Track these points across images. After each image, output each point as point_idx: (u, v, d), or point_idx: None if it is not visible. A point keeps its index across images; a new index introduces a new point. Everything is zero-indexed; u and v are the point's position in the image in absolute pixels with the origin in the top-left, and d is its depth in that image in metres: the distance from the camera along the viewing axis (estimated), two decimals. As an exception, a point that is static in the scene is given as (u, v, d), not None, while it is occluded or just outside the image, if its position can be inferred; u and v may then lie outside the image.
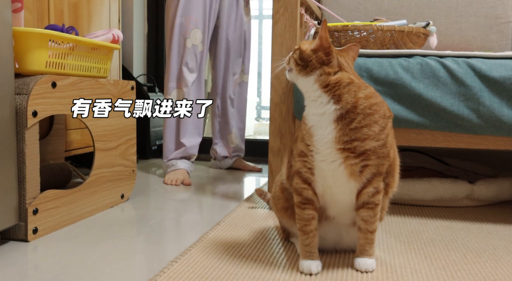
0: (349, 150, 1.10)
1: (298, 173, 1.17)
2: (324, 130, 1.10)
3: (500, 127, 1.54)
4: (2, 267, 1.20)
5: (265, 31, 4.79)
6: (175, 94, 2.35)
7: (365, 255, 1.17)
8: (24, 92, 1.37)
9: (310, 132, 1.13)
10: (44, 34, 1.49)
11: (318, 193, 1.16)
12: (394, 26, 1.82)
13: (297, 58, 1.16)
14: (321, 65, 1.12)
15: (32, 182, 1.39)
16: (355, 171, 1.12)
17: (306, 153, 1.14)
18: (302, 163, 1.15)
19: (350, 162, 1.11)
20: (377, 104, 1.12)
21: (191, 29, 2.30)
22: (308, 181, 1.15)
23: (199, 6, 2.31)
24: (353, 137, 1.09)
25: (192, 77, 2.35)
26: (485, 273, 1.17)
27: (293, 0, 1.74)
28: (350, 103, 1.10)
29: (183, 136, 2.37)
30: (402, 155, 2.28)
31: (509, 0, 2.28)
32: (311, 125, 1.13)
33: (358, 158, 1.10)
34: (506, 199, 1.93)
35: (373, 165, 1.12)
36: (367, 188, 1.14)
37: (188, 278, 1.11)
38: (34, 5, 1.96)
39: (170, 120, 2.38)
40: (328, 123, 1.10)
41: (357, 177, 1.13)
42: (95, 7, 2.39)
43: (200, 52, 2.35)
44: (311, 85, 1.13)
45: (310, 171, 1.14)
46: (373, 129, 1.10)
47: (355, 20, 2.43)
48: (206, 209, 1.81)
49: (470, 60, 1.58)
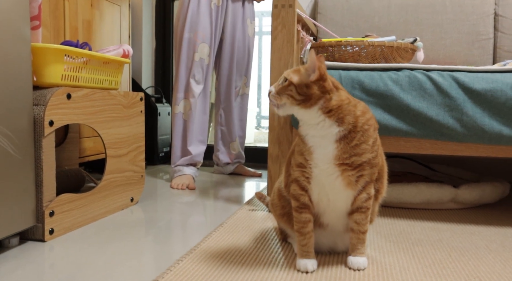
0: (347, 164, 1.09)
1: (296, 181, 1.16)
2: (325, 150, 1.09)
3: (482, 135, 1.54)
4: (21, 265, 1.20)
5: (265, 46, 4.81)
6: (182, 104, 2.36)
7: (357, 253, 1.17)
8: (42, 103, 1.38)
9: (310, 150, 1.11)
10: (60, 50, 1.49)
11: (314, 200, 1.16)
12: (384, 41, 1.83)
13: (295, 93, 1.08)
14: (323, 94, 1.08)
15: (48, 187, 1.40)
16: (351, 181, 1.12)
17: (305, 165, 1.13)
18: (300, 172, 1.15)
19: (347, 174, 1.10)
20: (371, 118, 1.12)
21: (199, 43, 2.31)
22: (305, 189, 1.15)
23: (205, 22, 2.31)
24: (353, 153, 1.09)
25: (199, 89, 2.35)
26: (468, 271, 1.17)
27: (291, 18, 1.74)
28: (351, 123, 1.09)
29: (190, 144, 2.37)
30: (392, 161, 2.30)
31: (489, 19, 2.29)
32: (311, 145, 1.11)
33: (355, 170, 1.10)
34: (487, 202, 1.93)
35: (367, 175, 1.12)
36: (361, 195, 1.14)
37: (193, 275, 1.11)
38: (51, 23, 1.97)
39: (177, 129, 2.38)
40: (330, 143, 1.09)
41: (353, 186, 1.13)
42: (107, 24, 2.40)
43: (206, 65, 2.35)
44: (314, 114, 1.09)
45: (307, 180, 1.14)
46: (369, 143, 1.10)
47: (348, 36, 2.44)
48: (210, 212, 1.81)
49: (454, 73, 1.59)
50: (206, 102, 2.42)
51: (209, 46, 2.34)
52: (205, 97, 2.41)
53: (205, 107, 2.42)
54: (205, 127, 2.44)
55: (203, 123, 2.42)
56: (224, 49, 2.51)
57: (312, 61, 1.08)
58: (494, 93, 1.52)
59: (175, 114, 2.37)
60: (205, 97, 2.41)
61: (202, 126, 2.42)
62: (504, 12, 2.28)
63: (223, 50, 2.52)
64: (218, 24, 2.40)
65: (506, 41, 2.28)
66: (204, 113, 2.42)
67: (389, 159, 2.30)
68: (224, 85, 2.57)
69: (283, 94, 1.09)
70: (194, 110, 2.36)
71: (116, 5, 2.48)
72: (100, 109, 1.63)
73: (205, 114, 2.43)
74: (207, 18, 2.32)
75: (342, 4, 2.48)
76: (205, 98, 2.41)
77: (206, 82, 2.39)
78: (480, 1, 2.30)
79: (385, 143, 1.66)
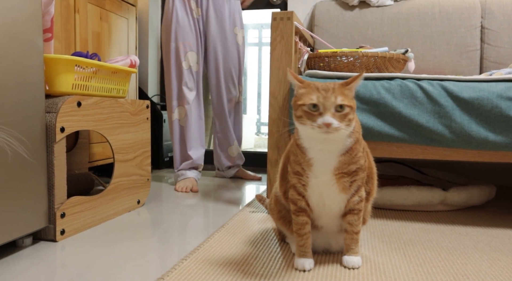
0: (344, 172, 1.10)
1: (293, 187, 1.16)
2: (327, 163, 1.09)
3: (470, 141, 1.55)
4: (34, 263, 1.20)
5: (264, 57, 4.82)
6: (177, 111, 2.36)
7: (352, 253, 1.18)
8: (53, 111, 1.39)
9: (310, 162, 1.10)
10: (71, 60, 1.50)
11: (311, 204, 1.16)
12: (377, 52, 1.83)
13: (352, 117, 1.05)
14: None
15: (60, 189, 1.40)
16: (346, 186, 1.12)
17: (301, 173, 1.13)
18: (297, 179, 1.14)
19: (343, 180, 1.11)
20: (359, 125, 1.13)
21: (186, 52, 2.31)
22: (302, 194, 1.15)
23: (189, 30, 2.31)
24: (351, 162, 1.10)
25: (192, 95, 2.35)
26: (456, 269, 1.17)
27: (289, 30, 1.75)
28: (358, 132, 1.10)
29: (189, 149, 2.37)
30: (385, 165, 2.30)
31: (476, 31, 2.30)
32: (312, 157, 1.09)
33: (350, 176, 1.11)
34: (475, 204, 1.93)
35: (359, 179, 1.13)
36: (353, 198, 1.14)
37: (196, 274, 1.11)
38: (63, 35, 1.98)
39: (176, 136, 2.37)
40: (334, 157, 1.08)
41: (347, 191, 1.13)
42: (115, 36, 2.42)
43: (196, 72, 2.35)
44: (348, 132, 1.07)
45: (304, 187, 1.14)
46: (361, 150, 1.11)
47: (343, 47, 2.45)
48: (212, 213, 1.81)
49: (443, 82, 1.59)
50: (200, 108, 2.41)
51: (196, 54, 2.34)
52: (199, 102, 2.40)
53: (199, 112, 2.41)
54: (202, 131, 2.43)
55: (200, 128, 2.42)
56: (209, 59, 2.46)
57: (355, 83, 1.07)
58: (480, 101, 1.53)
59: (172, 121, 2.37)
60: (199, 102, 2.40)
61: (199, 131, 2.42)
62: (490, 25, 2.30)
63: (208, 59, 2.47)
64: (200, 31, 2.38)
65: (492, 52, 2.29)
66: (200, 118, 2.42)
67: (382, 163, 2.31)
68: (214, 94, 2.52)
69: (345, 121, 1.03)
70: (190, 116, 2.35)
71: (124, 18, 2.50)
72: (108, 116, 1.64)
73: (201, 119, 2.42)
74: (190, 28, 2.32)
75: (338, 17, 2.49)
76: (199, 103, 2.41)
77: (198, 88, 2.38)
78: (467, 14, 2.31)
79: (379, 148, 1.66)
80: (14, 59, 1.20)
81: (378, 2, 2.44)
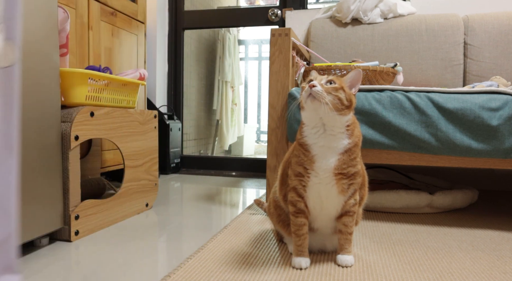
0: (343, 174, 1.10)
1: (294, 189, 1.16)
2: (328, 160, 1.09)
3: (454, 148, 1.55)
4: (51, 262, 1.21)
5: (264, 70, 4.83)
6: None
7: (345, 252, 1.18)
8: (68, 120, 1.39)
9: (313, 159, 1.10)
10: (85, 73, 1.51)
11: (309, 206, 1.17)
12: (368, 66, 1.84)
13: (343, 98, 1.05)
14: (351, 106, 1.09)
15: (74, 193, 1.41)
16: (344, 188, 1.12)
17: (303, 174, 1.13)
18: (298, 181, 1.14)
19: (341, 182, 1.11)
20: (360, 132, 1.14)
21: None
22: (302, 196, 1.15)
23: None
24: (350, 164, 1.10)
25: None
26: (441, 267, 1.18)
27: (287, 45, 1.76)
28: (357, 137, 1.11)
29: None
30: (376, 171, 2.30)
31: (460, 47, 2.31)
32: (315, 154, 1.10)
33: (348, 178, 1.11)
34: (459, 207, 1.93)
35: (356, 183, 1.13)
36: (349, 200, 1.15)
37: (201, 271, 1.11)
38: (77, 50, 2.00)
39: None
40: (334, 155, 1.08)
41: (345, 192, 1.13)
42: (125, 51, 2.43)
43: None
44: (343, 123, 1.08)
45: (304, 188, 1.14)
46: (359, 154, 1.12)
47: (337, 61, 2.46)
48: (215, 215, 1.81)
49: (430, 94, 1.59)
50: None
51: None
52: None
53: None
54: None
55: None
56: None
57: (357, 74, 1.08)
58: (464, 111, 1.54)
59: None
60: None
61: None
62: (472, 41, 2.31)
63: None
64: None
65: (474, 66, 2.30)
66: None
67: (373, 169, 2.31)
68: None
69: (331, 95, 1.04)
70: None
71: (134, 34, 2.51)
72: (119, 125, 1.65)
73: None
74: None
75: (332, 33, 2.51)
76: None
77: None
78: (451, 31, 2.33)
79: (370, 155, 1.67)
80: (33, 73, 1.21)
81: (369, 20, 2.46)
